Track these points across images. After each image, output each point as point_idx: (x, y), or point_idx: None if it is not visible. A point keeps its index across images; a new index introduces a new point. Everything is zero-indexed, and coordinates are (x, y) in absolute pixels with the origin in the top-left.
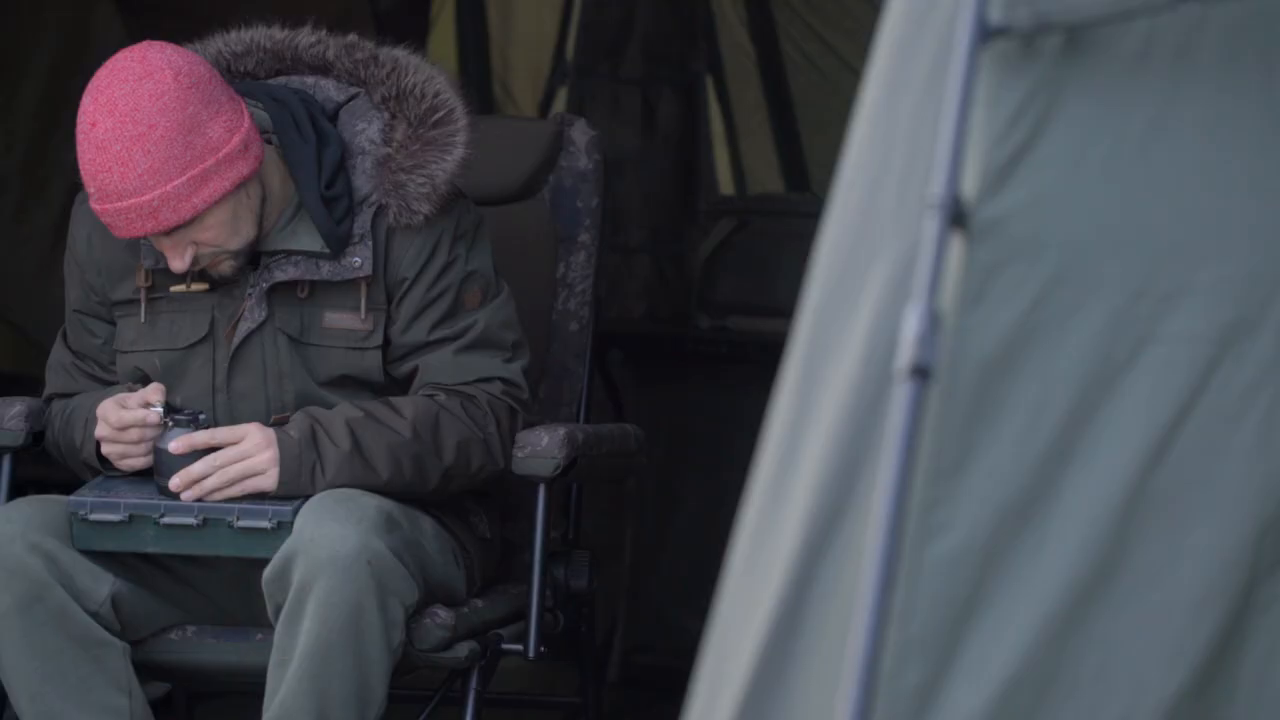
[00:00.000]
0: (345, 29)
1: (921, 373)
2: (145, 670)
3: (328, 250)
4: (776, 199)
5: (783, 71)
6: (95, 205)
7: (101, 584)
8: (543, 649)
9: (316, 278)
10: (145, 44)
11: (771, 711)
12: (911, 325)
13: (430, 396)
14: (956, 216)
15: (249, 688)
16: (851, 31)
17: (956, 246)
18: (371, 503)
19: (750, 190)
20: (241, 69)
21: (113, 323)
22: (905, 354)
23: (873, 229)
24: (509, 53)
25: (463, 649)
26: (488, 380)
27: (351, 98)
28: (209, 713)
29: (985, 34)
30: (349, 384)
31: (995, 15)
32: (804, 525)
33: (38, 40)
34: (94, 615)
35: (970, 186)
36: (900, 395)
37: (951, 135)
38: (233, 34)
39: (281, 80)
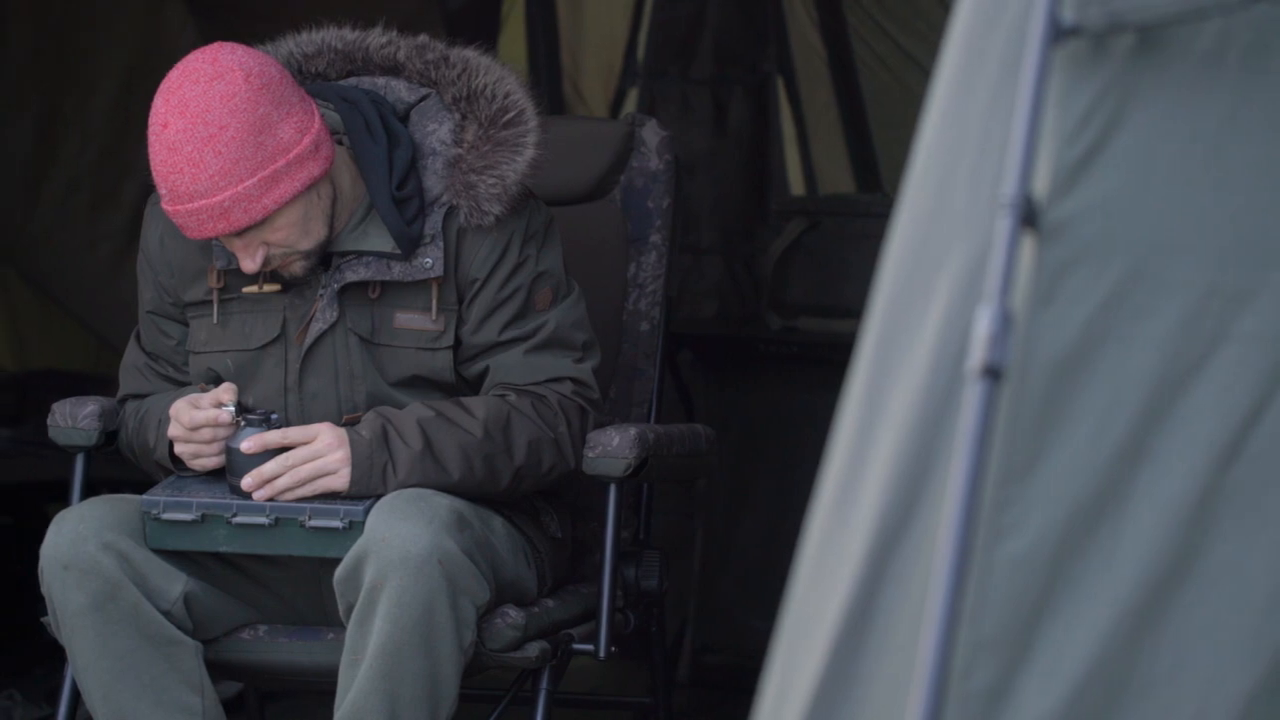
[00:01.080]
0: (416, 29)
1: (993, 373)
2: (217, 669)
3: (399, 251)
4: (847, 199)
5: (854, 71)
6: (167, 206)
7: (174, 583)
8: (613, 649)
9: (388, 278)
10: (216, 45)
11: (841, 712)
12: (983, 325)
13: (501, 396)
14: (1028, 216)
15: (320, 687)
16: (923, 32)
17: (1027, 246)
18: (443, 502)
19: (821, 191)
20: (313, 70)
21: (185, 323)
22: (977, 354)
23: (943, 229)
24: (579, 53)
25: (533, 649)
26: (558, 380)
27: (422, 98)
28: (280, 712)
29: (1057, 34)
30: (420, 384)
31: (1067, 15)
32: (874, 525)
33: (111, 42)
34: (167, 614)
35: (1041, 186)
36: (972, 395)
37: (1023, 135)
38: (304, 35)
39: (353, 81)
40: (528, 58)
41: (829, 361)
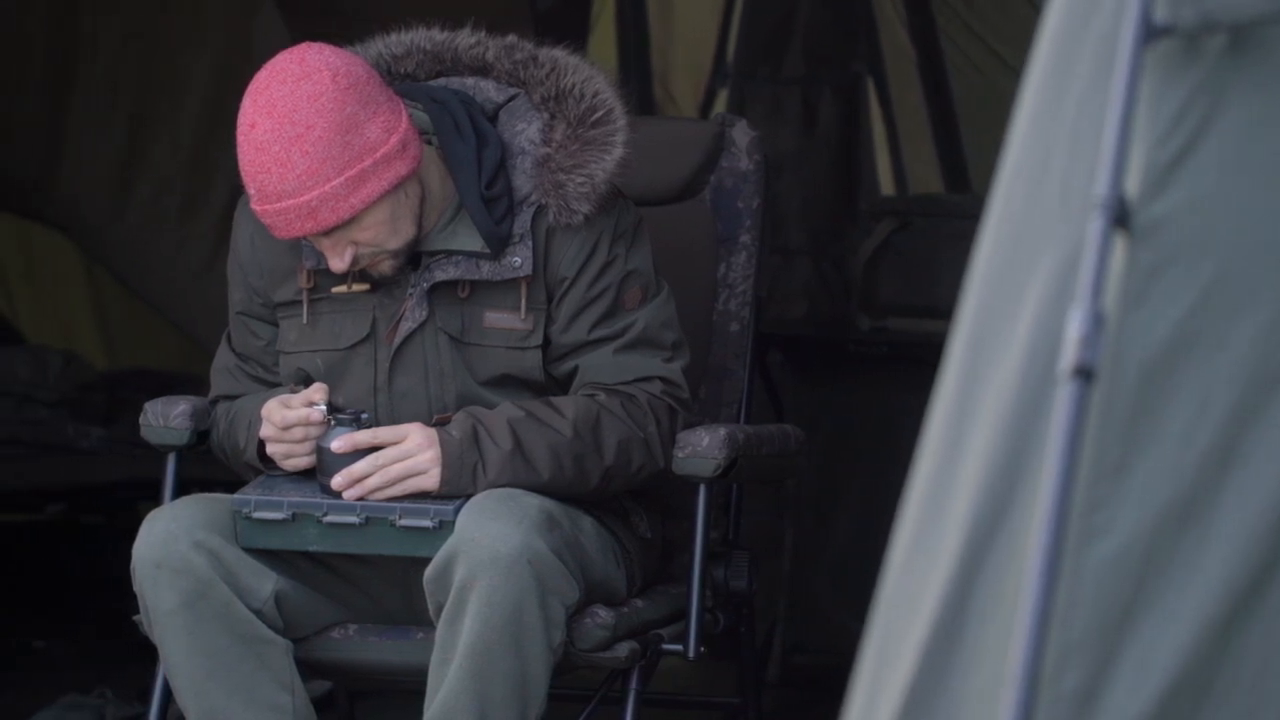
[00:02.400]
0: (505, 29)
1: (1085, 374)
2: (307, 668)
3: (488, 250)
4: (937, 199)
5: (944, 72)
6: (255, 206)
7: (265, 582)
8: (702, 649)
9: (477, 277)
10: (304, 45)
11: (933, 713)
12: (1075, 326)
13: (591, 396)
14: (1119, 217)
15: (410, 686)
16: (1012, 34)
17: (1119, 247)
18: (533, 502)
19: (911, 191)
20: (402, 71)
21: (275, 324)
22: (1069, 355)
23: (1035, 229)
24: (670, 53)
25: (623, 649)
26: (648, 380)
27: (511, 98)
28: (370, 711)
29: (1150, 33)
30: (509, 383)
31: (1160, 15)
32: (966, 526)
33: (202, 42)
34: (257, 613)
35: (1133, 187)
36: (1064, 396)
37: (1115, 135)
38: (393, 36)
39: (441, 81)
40: (618, 58)
41: (919, 362)
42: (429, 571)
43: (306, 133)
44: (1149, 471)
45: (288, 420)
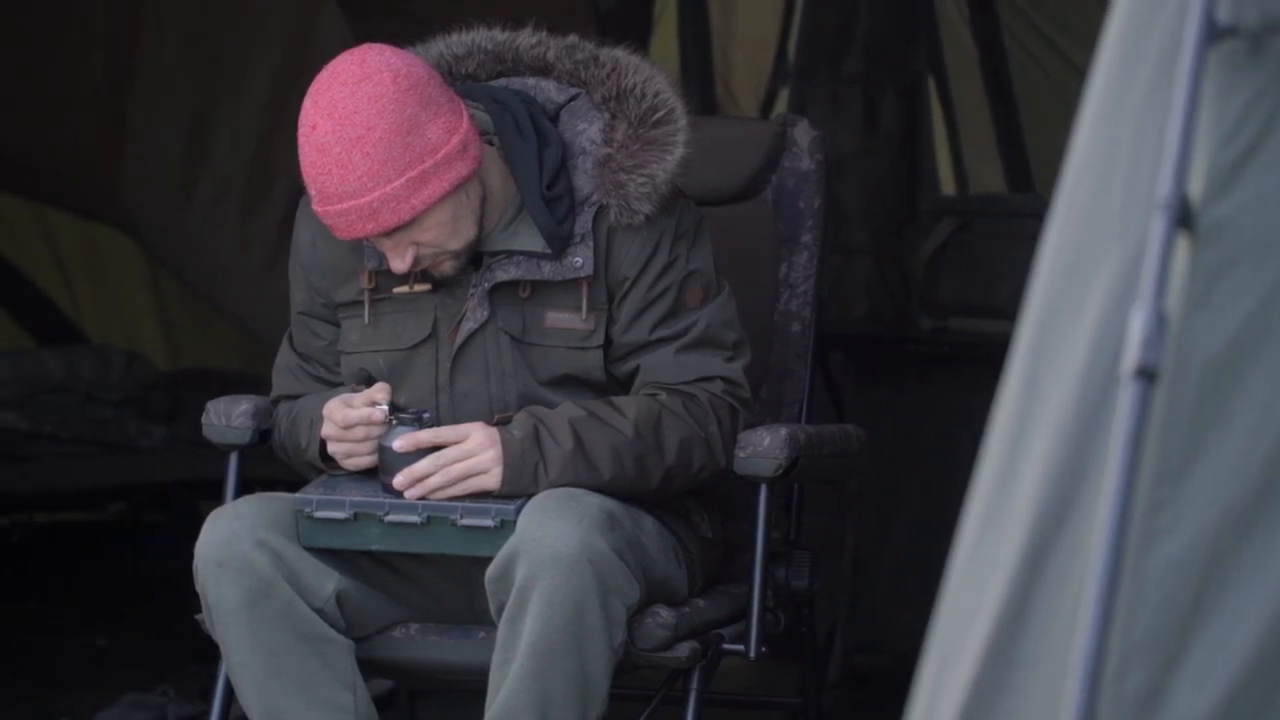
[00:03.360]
0: (567, 29)
1: (1148, 375)
2: (369, 667)
3: (549, 250)
4: (999, 199)
5: (1006, 70)
6: (316, 207)
7: (327, 581)
8: (764, 649)
9: (538, 278)
10: (365, 46)
11: (994, 713)
12: (1138, 327)
13: (652, 396)
14: (1183, 218)
15: (471, 685)
16: (1076, 30)
17: (1182, 248)
18: (594, 502)
19: (972, 190)
20: (463, 71)
21: (337, 324)
22: (1132, 356)
23: (1098, 230)
24: (731, 53)
25: (684, 649)
26: (709, 379)
27: (572, 98)
28: (431, 710)
29: (1213, 34)
30: (571, 383)
31: (1223, 15)
32: (1028, 527)
33: (262, 44)
34: (319, 612)
35: (1196, 188)
36: (1126, 397)
37: (1179, 136)
38: (454, 36)
39: (502, 82)
40: (679, 58)
41: (980, 362)
42: (490, 571)
43: (368, 134)
44: (1212, 472)
45: (350, 419)
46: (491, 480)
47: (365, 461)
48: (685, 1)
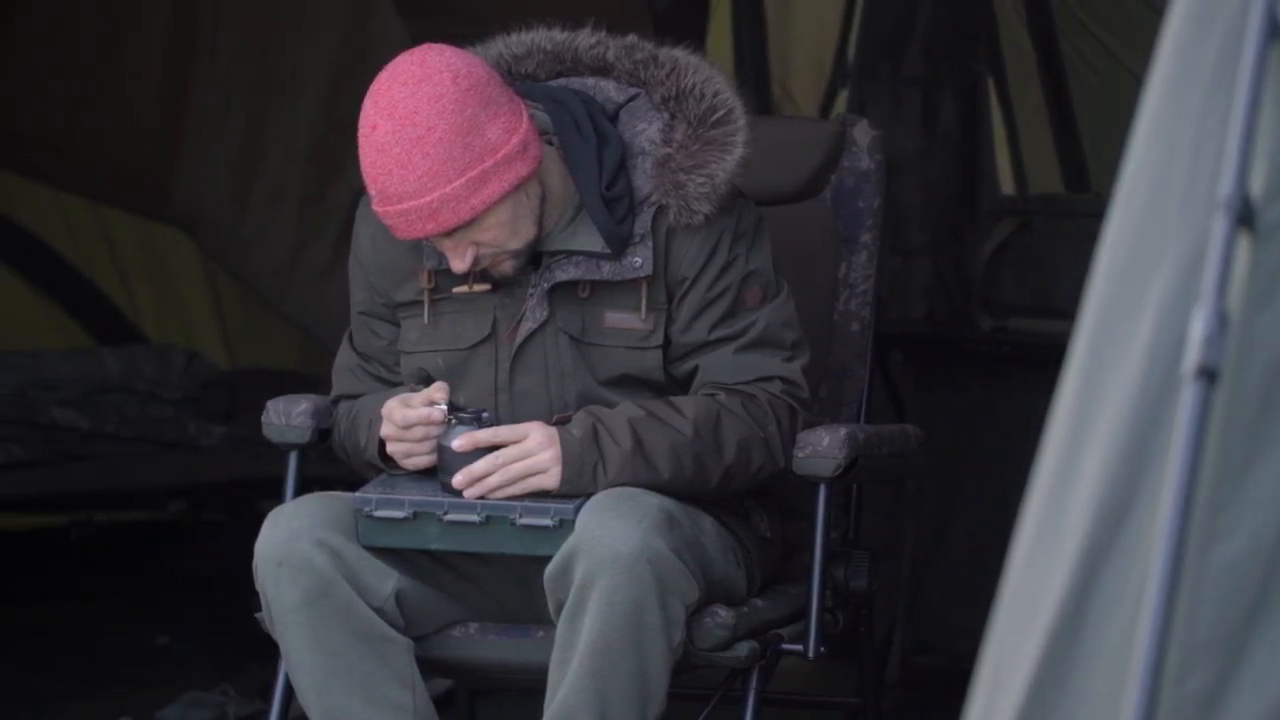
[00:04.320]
0: (623, 29)
1: (1209, 374)
2: (428, 666)
3: (608, 250)
4: (1059, 199)
5: (1063, 72)
6: (376, 207)
7: (386, 580)
8: (822, 649)
9: (597, 278)
10: (425, 47)
11: (1052, 713)
12: (1199, 326)
13: (711, 395)
14: (1244, 216)
15: (530, 685)
16: (1126, 30)
17: (1243, 247)
18: (653, 501)
19: (1031, 190)
20: (522, 71)
21: (397, 324)
22: (1192, 356)
23: (1158, 229)
24: (789, 54)
25: (743, 648)
26: (768, 379)
27: (631, 98)
28: (490, 709)
29: (1275, 32)
30: (630, 383)
31: None
32: (1088, 527)
33: (318, 45)
34: (378, 611)
35: (1258, 186)
36: (1187, 397)
37: (1240, 134)
38: (513, 36)
39: (562, 82)
40: (733, 58)
41: (1039, 362)
42: (549, 570)
43: (427, 134)
44: (1274, 473)
45: (409, 419)
46: (550, 480)
47: (424, 461)
48: (740, 3)
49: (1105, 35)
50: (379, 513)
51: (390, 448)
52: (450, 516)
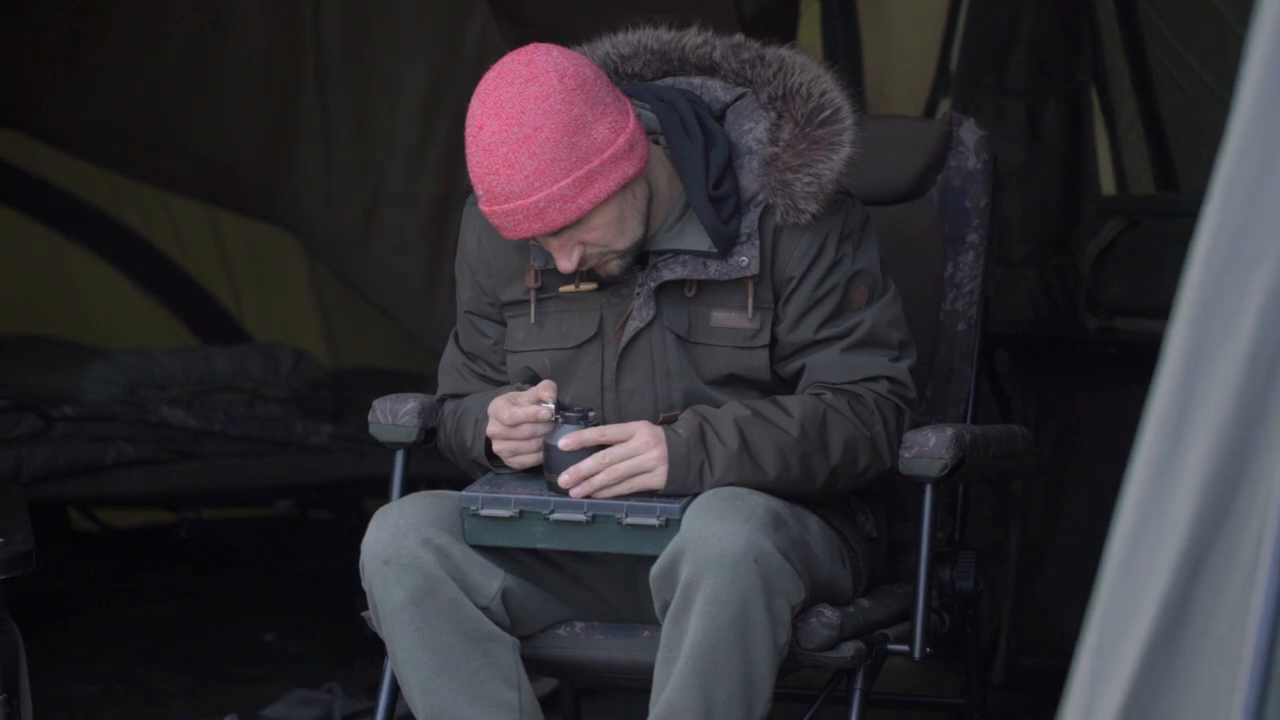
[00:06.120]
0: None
1: None
2: (534, 665)
3: (715, 250)
4: (1165, 198)
5: (1151, 85)
6: (483, 207)
7: (492, 579)
8: (928, 650)
9: (704, 277)
10: (532, 47)
11: (1155, 708)
12: None
13: (817, 395)
14: None
15: (635, 684)
16: (1205, 46)
17: None
18: (759, 501)
19: (1133, 193)
20: (629, 71)
21: (503, 323)
22: None
23: (1256, 229)
24: (887, 63)
25: (848, 649)
26: (874, 379)
27: (738, 98)
28: (595, 709)
29: None
30: (736, 383)
31: None
32: (1189, 524)
33: (419, 44)
34: (485, 610)
35: None
36: None
37: None
38: (620, 36)
39: (669, 81)
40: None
41: (1146, 362)
42: (655, 569)
43: (534, 134)
44: None
45: (516, 418)
46: (656, 479)
47: (530, 460)
48: (830, 9)
49: (1185, 50)
50: (485, 511)
51: (497, 446)
52: (556, 515)
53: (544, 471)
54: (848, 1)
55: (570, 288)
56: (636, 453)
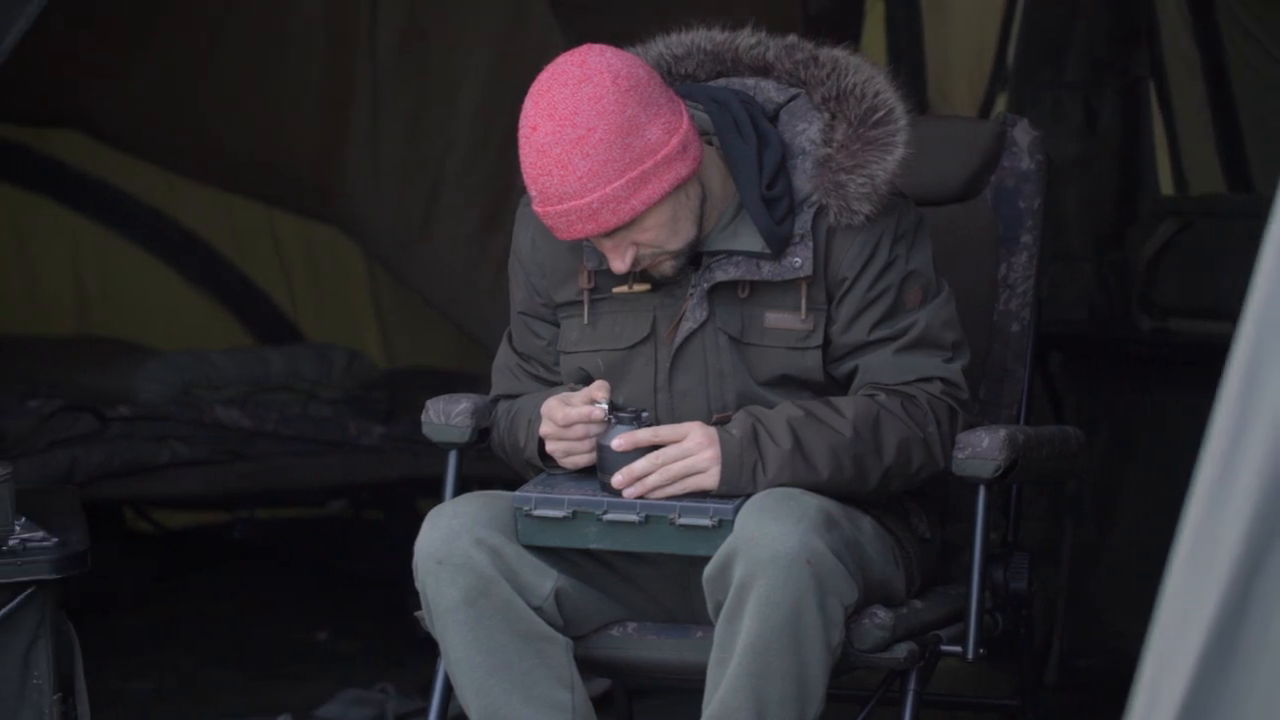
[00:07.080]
0: (772, 31)
1: None
2: (587, 666)
3: (768, 250)
4: (1220, 199)
5: (1226, 73)
6: (537, 208)
7: (545, 579)
8: (981, 650)
9: (757, 278)
10: (585, 47)
11: (1216, 710)
12: None
13: (870, 396)
14: None
15: (688, 685)
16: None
17: None
18: (812, 502)
19: (1191, 193)
20: (682, 71)
21: (556, 324)
22: None
23: None
24: (946, 58)
25: (901, 650)
26: (928, 380)
27: (792, 98)
28: (648, 709)
29: None
30: (789, 383)
31: None
32: (1247, 527)
33: (477, 44)
34: (538, 610)
35: None
36: None
37: None
38: (673, 36)
39: (722, 82)
40: (887, 63)
41: (1201, 363)
42: (708, 570)
43: (588, 135)
44: None
45: (569, 418)
46: (709, 480)
47: (583, 460)
48: (895, 6)
49: (1264, 35)
50: (538, 511)
51: (550, 446)
52: (609, 516)
53: (597, 472)
54: (912, 1)
55: (624, 289)
56: (690, 453)
